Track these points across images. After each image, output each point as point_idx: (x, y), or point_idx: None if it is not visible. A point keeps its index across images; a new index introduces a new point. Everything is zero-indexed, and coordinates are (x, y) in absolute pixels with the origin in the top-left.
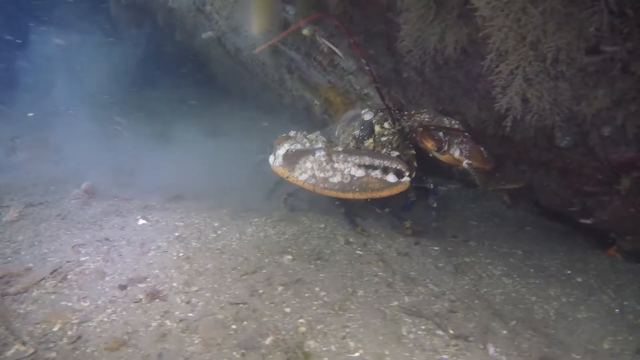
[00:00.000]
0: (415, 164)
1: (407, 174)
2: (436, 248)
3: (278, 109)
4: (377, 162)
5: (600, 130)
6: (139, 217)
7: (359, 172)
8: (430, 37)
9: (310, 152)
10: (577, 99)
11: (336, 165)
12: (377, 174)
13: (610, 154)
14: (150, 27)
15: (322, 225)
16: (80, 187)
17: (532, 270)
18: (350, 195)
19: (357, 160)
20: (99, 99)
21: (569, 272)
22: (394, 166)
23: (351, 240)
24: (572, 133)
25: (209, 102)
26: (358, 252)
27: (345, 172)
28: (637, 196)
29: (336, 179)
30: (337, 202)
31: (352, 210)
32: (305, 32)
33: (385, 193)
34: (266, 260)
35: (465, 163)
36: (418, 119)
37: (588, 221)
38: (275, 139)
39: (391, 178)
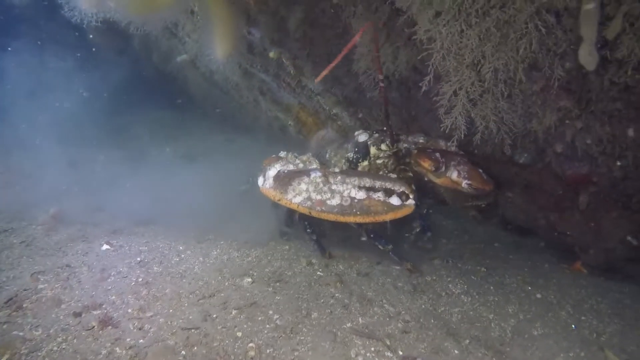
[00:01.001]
0: (413, 187)
1: (411, 196)
2: (397, 267)
3: (255, 130)
4: (378, 184)
5: (554, 147)
6: (103, 242)
7: (360, 194)
8: (382, 58)
9: (305, 173)
10: (528, 117)
11: (334, 186)
12: (379, 196)
13: (566, 170)
14: (128, 50)
15: (287, 247)
16: (47, 212)
17: (492, 287)
18: (351, 219)
19: (356, 182)
20: (74, 123)
21: (530, 288)
22: (396, 188)
23: (313, 261)
24: (529, 150)
25: (186, 124)
26: (319, 273)
27: (345, 194)
28: (595, 211)
29: (335, 201)
30: (309, 230)
31: (323, 236)
32: (271, 54)
33: (389, 216)
34: (226, 284)
35: (464, 184)
36: (411, 141)
37: None
38: (265, 159)
39: (395, 201)
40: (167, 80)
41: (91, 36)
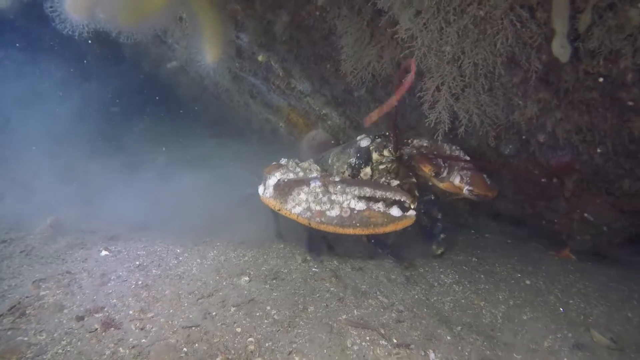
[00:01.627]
0: (416, 193)
1: (412, 206)
2: (390, 261)
3: (248, 133)
4: (378, 193)
5: (536, 137)
6: (101, 248)
7: (360, 205)
8: (367, 57)
9: (305, 182)
10: (510, 109)
11: (334, 197)
12: (379, 207)
13: (550, 159)
14: (119, 59)
15: (282, 246)
16: (45, 222)
17: (483, 276)
18: (350, 231)
19: (356, 192)
20: (67, 131)
21: (519, 275)
22: (397, 198)
23: (309, 258)
24: (514, 141)
25: (178, 129)
26: (314, 269)
27: (345, 204)
28: (579, 198)
29: (334, 212)
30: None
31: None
32: (260, 58)
33: (389, 228)
34: (224, 283)
35: (466, 190)
36: (416, 145)
37: None
38: (266, 166)
39: (395, 212)
40: (158, 87)
41: (83, 45)
